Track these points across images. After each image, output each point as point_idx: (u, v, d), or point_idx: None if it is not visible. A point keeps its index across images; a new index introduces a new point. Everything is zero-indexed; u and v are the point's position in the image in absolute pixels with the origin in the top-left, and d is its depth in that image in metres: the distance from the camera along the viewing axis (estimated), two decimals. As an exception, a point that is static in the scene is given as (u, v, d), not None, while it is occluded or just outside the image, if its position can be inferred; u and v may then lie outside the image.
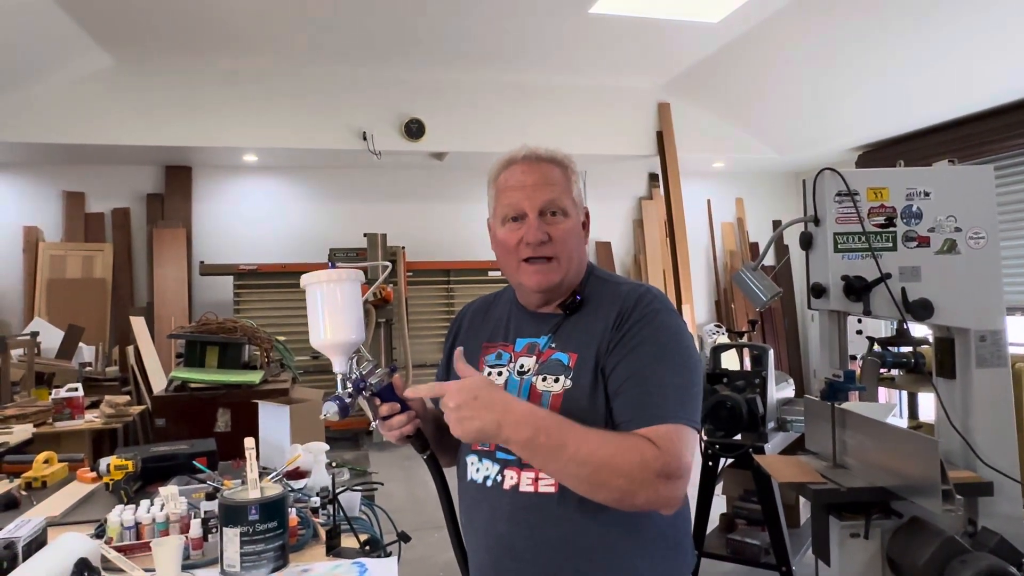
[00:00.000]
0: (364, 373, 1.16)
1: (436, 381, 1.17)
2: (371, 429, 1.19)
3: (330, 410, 1.13)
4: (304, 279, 1.19)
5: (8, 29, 4.61)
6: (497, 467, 1.18)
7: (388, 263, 1.85)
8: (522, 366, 1.21)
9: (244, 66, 5.79)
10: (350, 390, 1.15)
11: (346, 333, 1.16)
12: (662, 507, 1.05)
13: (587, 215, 1.28)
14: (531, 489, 1.14)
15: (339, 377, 1.17)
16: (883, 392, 3.37)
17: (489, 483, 1.19)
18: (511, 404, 1.04)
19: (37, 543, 1.52)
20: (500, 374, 1.23)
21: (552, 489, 1.13)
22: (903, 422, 3.03)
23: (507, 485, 1.17)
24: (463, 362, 1.10)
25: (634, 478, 1.01)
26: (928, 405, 2.62)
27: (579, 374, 1.15)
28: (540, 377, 1.17)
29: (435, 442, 1.26)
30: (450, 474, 1.28)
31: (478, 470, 1.22)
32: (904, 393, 3.10)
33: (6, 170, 6.28)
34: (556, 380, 1.16)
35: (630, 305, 1.16)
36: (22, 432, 3.40)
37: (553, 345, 1.20)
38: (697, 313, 7.14)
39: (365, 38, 5.33)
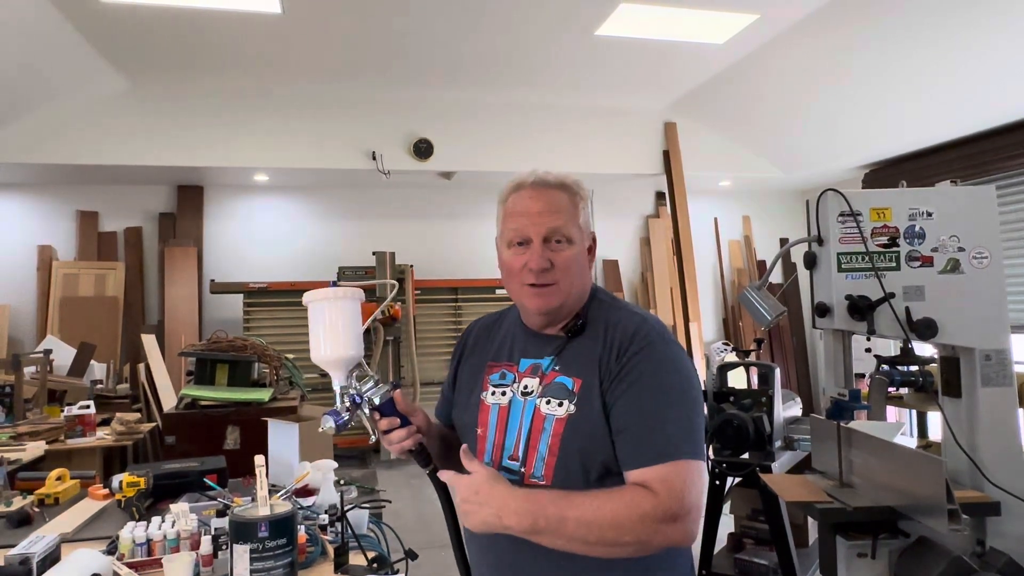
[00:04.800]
0: (363, 388, 1.20)
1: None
2: (377, 447, 1.23)
3: (327, 423, 1.17)
4: (306, 297, 1.23)
5: (26, 53, 4.72)
6: None
7: (395, 282, 1.89)
8: (526, 387, 1.23)
9: (255, 88, 5.88)
10: (348, 404, 1.19)
11: (344, 349, 1.20)
12: (679, 545, 1.07)
13: (593, 240, 1.28)
14: None
15: (338, 391, 1.20)
16: (893, 411, 3.35)
17: None
18: (508, 496, 1.08)
19: (51, 559, 1.55)
20: (504, 394, 1.25)
21: None
22: (913, 441, 3.03)
23: None
24: (468, 456, 1.15)
25: (640, 532, 1.03)
26: (938, 424, 2.61)
27: (583, 400, 1.16)
28: (544, 400, 1.19)
29: (441, 458, 1.29)
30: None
31: (482, 487, 1.24)
32: (914, 412, 3.09)
33: (22, 190, 6.38)
34: (560, 404, 1.18)
35: (627, 338, 1.17)
36: (35, 449, 3.45)
37: (557, 368, 1.21)
38: (704, 331, 7.13)
39: (374, 59, 5.41)
